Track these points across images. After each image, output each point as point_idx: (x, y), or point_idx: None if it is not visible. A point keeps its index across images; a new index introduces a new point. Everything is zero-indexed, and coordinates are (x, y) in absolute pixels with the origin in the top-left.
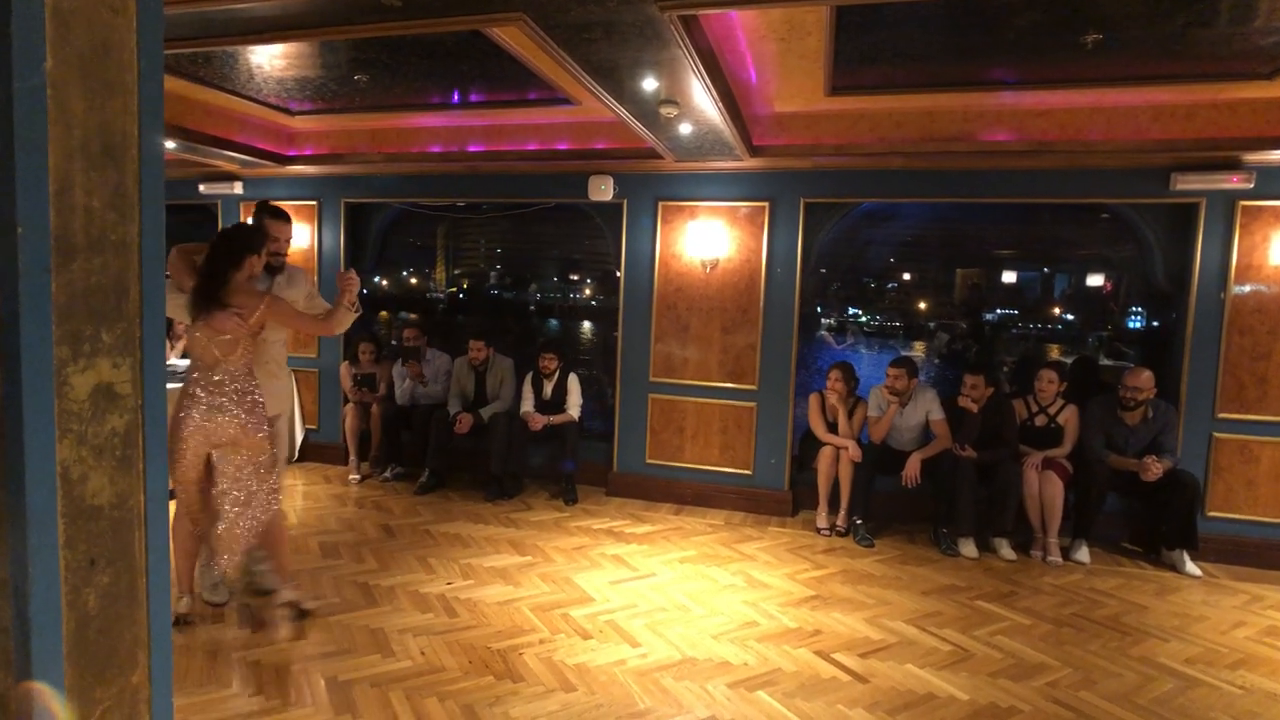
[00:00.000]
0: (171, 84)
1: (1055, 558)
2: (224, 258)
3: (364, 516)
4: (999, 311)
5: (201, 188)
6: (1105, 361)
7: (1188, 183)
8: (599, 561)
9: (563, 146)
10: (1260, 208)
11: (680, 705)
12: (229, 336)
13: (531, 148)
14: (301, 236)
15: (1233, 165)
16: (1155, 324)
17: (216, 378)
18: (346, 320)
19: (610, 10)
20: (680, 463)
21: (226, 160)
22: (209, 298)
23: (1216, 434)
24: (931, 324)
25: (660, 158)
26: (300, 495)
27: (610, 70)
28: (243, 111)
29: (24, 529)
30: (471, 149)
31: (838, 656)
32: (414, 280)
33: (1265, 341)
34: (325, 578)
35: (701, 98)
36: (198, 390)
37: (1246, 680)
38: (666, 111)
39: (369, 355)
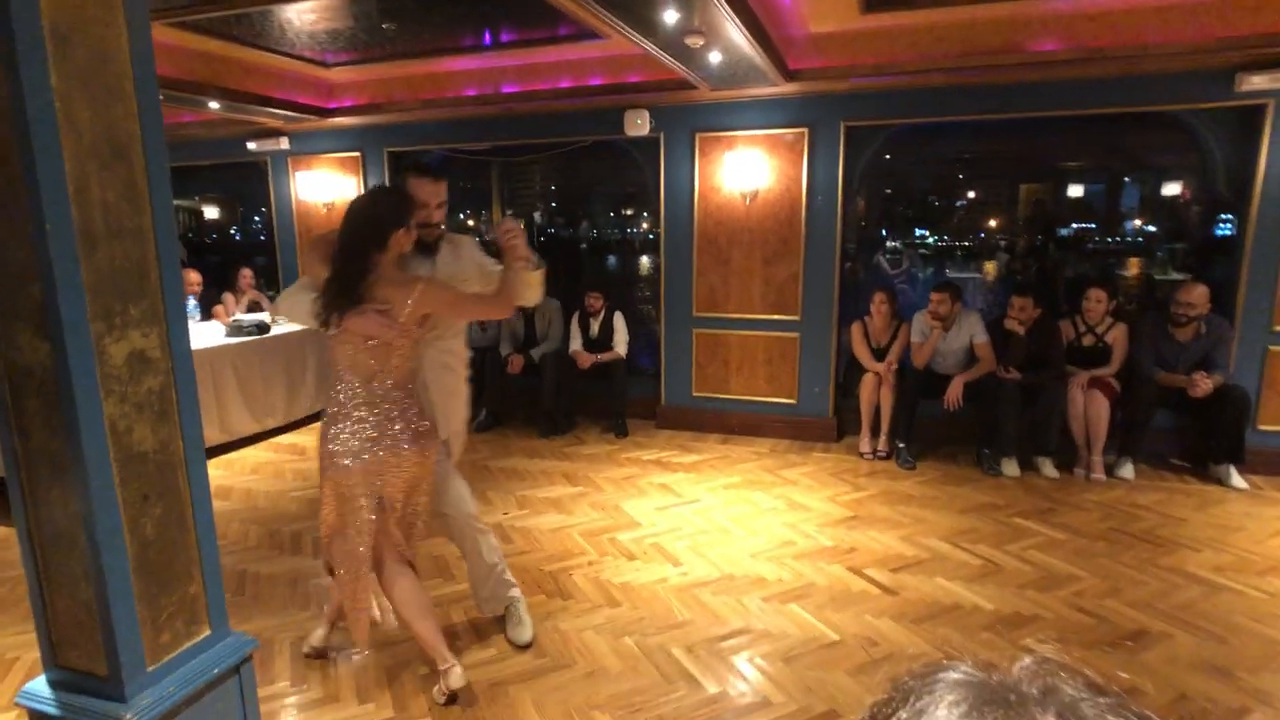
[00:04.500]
0: (209, 44)
1: (1099, 475)
2: (360, 238)
3: None
4: (1074, 226)
5: (250, 145)
6: (1174, 276)
7: (1255, 83)
8: (646, 490)
9: (596, 82)
10: None
11: (716, 617)
12: (377, 341)
13: (565, 85)
14: (348, 189)
15: None
16: (1220, 234)
17: (378, 395)
18: (528, 287)
19: None
20: (726, 394)
21: (270, 116)
22: (346, 293)
23: (1272, 347)
24: (1000, 239)
25: (694, 88)
26: None
27: (628, 4)
28: (281, 67)
29: (85, 473)
30: (506, 90)
31: (869, 572)
32: (471, 223)
33: None
34: None
35: (726, 24)
36: (353, 409)
37: (1273, 585)
38: (692, 41)
39: None
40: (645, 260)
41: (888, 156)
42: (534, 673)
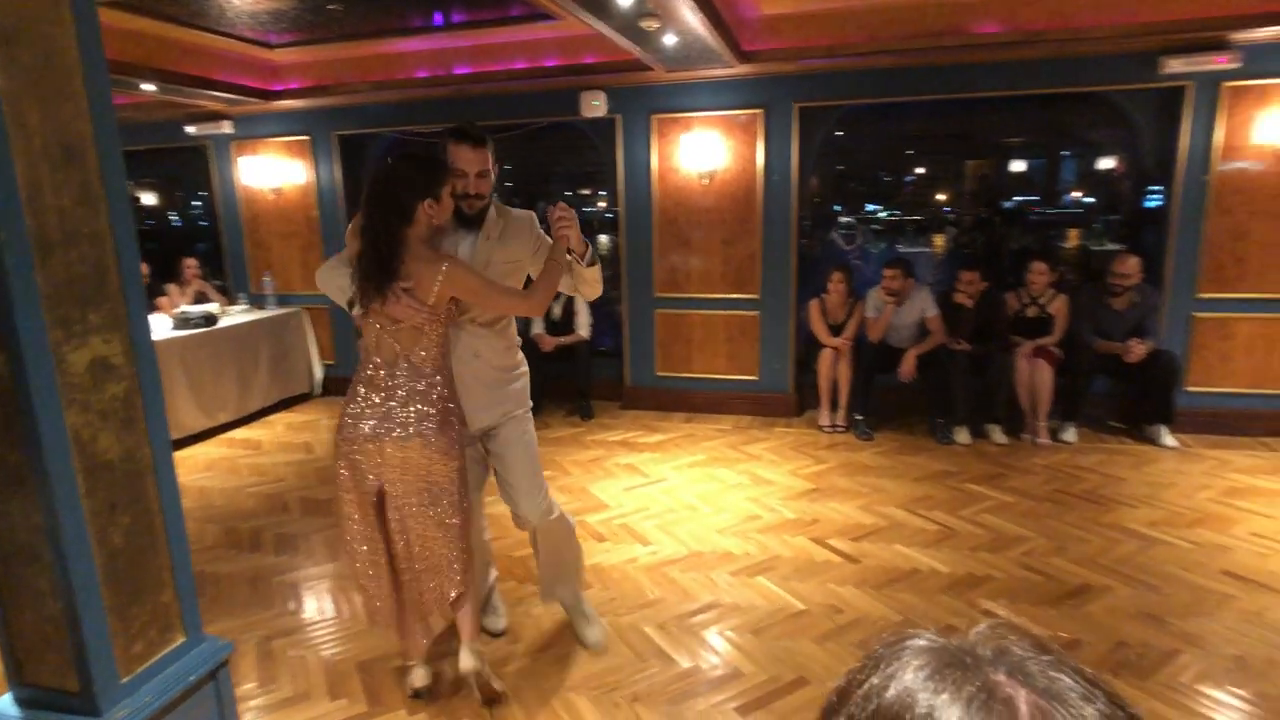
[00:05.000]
0: (142, 24)
1: (1044, 439)
2: (382, 210)
3: None
4: (1016, 199)
5: (189, 129)
6: (1109, 246)
7: (1175, 67)
8: (613, 471)
9: (551, 63)
10: (1245, 88)
11: (686, 593)
12: (404, 323)
13: (519, 66)
14: (296, 174)
15: (1220, 45)
16: (1150, 205)
17: (384, 375)
18: (584, 283)
19: None
20: (689, 373)
21: (210, 99)
22: (378, 270)
23: (1196, 313)
24: (948, 214)
25: (650, 70)
26: (325, 429)
27: None
28: (221, 48)
29: (48, 485)
30: (459, 71)
31: (832, 542)
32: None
33: (1245, 221)
34: None
35: (681, 6)
36: (368, 392)
37: (1200, 537)
38: (647, 24)
39: None
40: (604, 239)
41: (839, 133)
42: (508, 658)
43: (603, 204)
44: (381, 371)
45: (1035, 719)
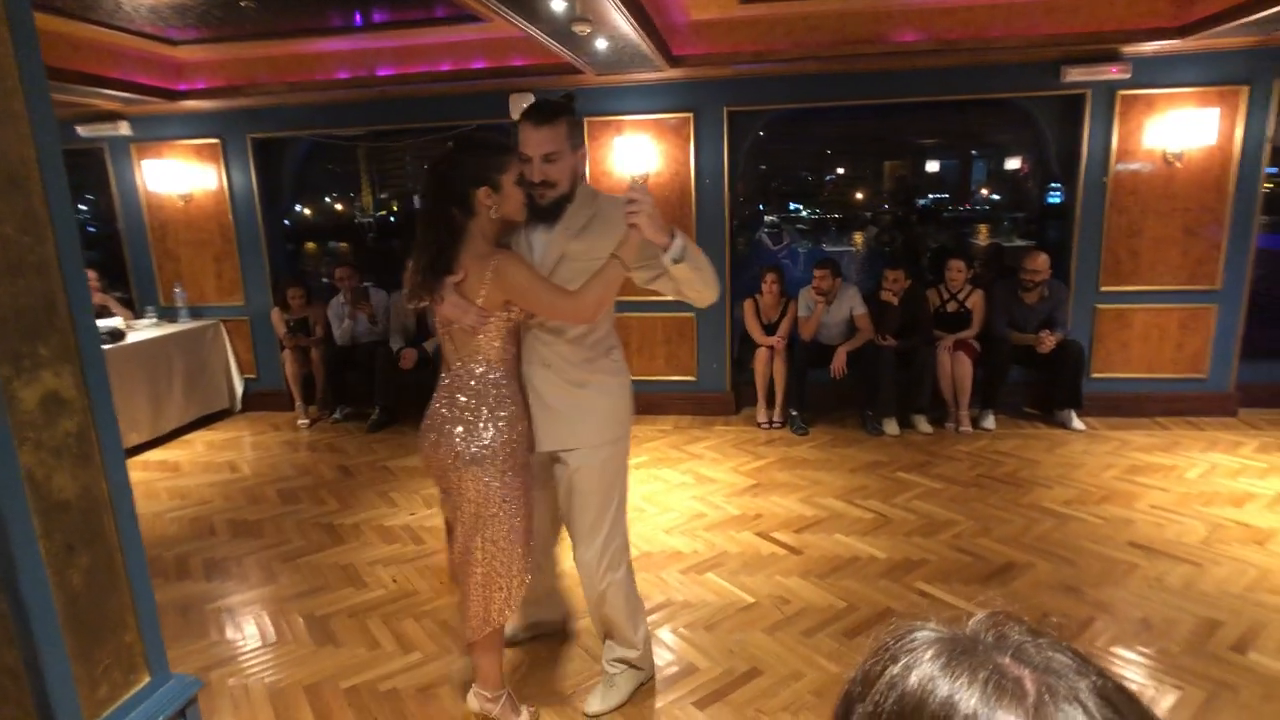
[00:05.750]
0: None
1: (966, 427)
2: (437, 199)
3: (319, 459)
4: (931, 197)
5: (80, 130)
6: (1018, 243)
7: (1075, 75)
8: None
9: (479, 65)
10: (1135, 96)
11: (641, 596)
12: (458, 325)
13: (445, 68)
14: (207, 179)
15: (1112, 57)
16: (1052, 202)
17: (446, 382)
18: (682, 283)
19: None
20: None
21: (104, 98)
22: (432, 265)
23: (1099, 305)
24: (868, 214)
25: (580, 72)
26: (249, 446)
27: None
28: (116, 44)
29: (3, 528)
30: (381, 73)
31: (776, 535)
32: (339, 207)
33: (1138, 219)
34: (288, 522)
35: (612, 11)
36: (436, 397)
37: (1107, 512)
38: (579, 29)
39: (299, 299)
40: None
41: (761, 133)
42: (462, 671)
43: None
44: (445, 378)
45: (1042, 694)
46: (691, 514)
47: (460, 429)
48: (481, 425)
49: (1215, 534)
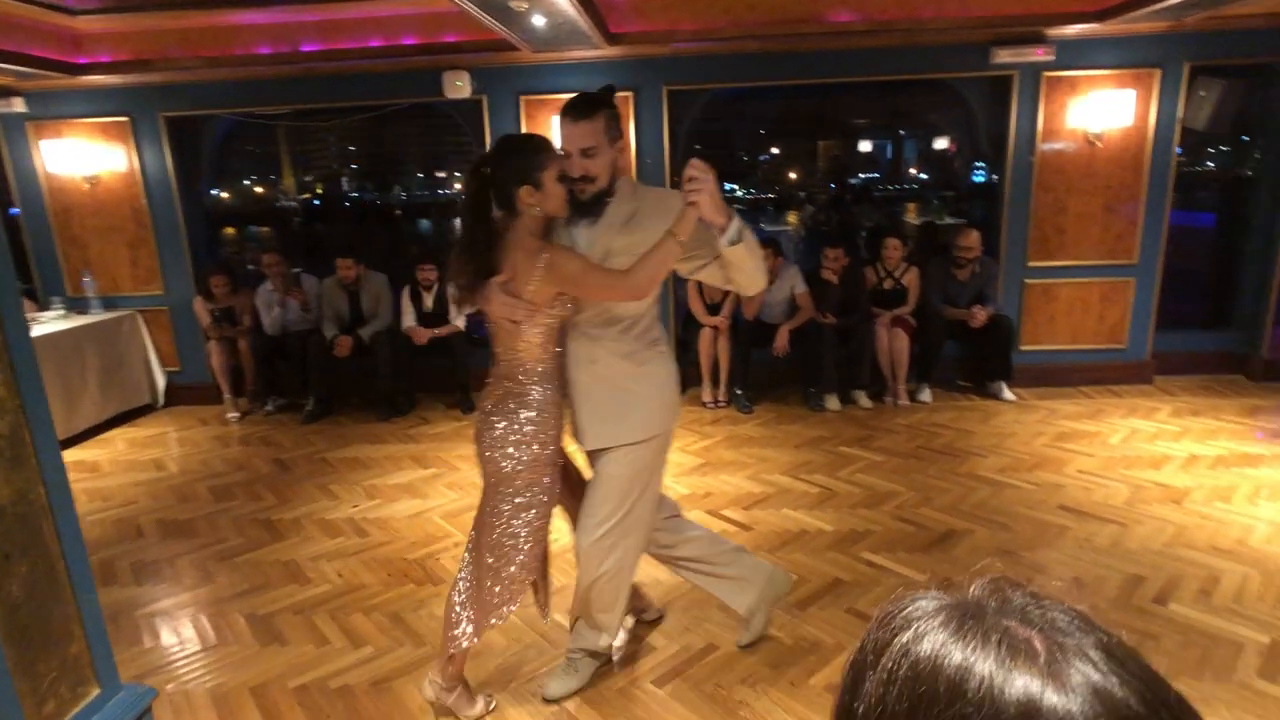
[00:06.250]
0: None
1: (904, 401)
2: (480, 197)
3: (252, 454)
4: (861, 176)
5: None
6: (948, 220)
7: (1003, 57)
8: None
9: (410, 41)
10: (1059, 78)
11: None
12: (502, 320)
13: (375, 44)
14: (115, 160)
15: (1038, 40)
16: (992, 179)
17: (503, 372)
18: (733, 268)
19: None
20: None
21: None
22: (473, 263)
23: (1027, 280)
24: (802, 194)
25: (516, 50)
26: (176, 442)
27: None
28: (7, 13)
29: None
30: (306, 48)
31: (726, 512)
32: (260, 190)
33: (1062, 197)
34: (223, 520)
35: None
36: (487, 392)
37: (1039, 478)
38: (516, 5)
39: (224, 287)
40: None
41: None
42: (417, 663)
43: (459, 185)
44: (491, 374)
45: (1052, 651)
46: None
47: (500, 426)
48: (521, 427)
49: (1137, 495)
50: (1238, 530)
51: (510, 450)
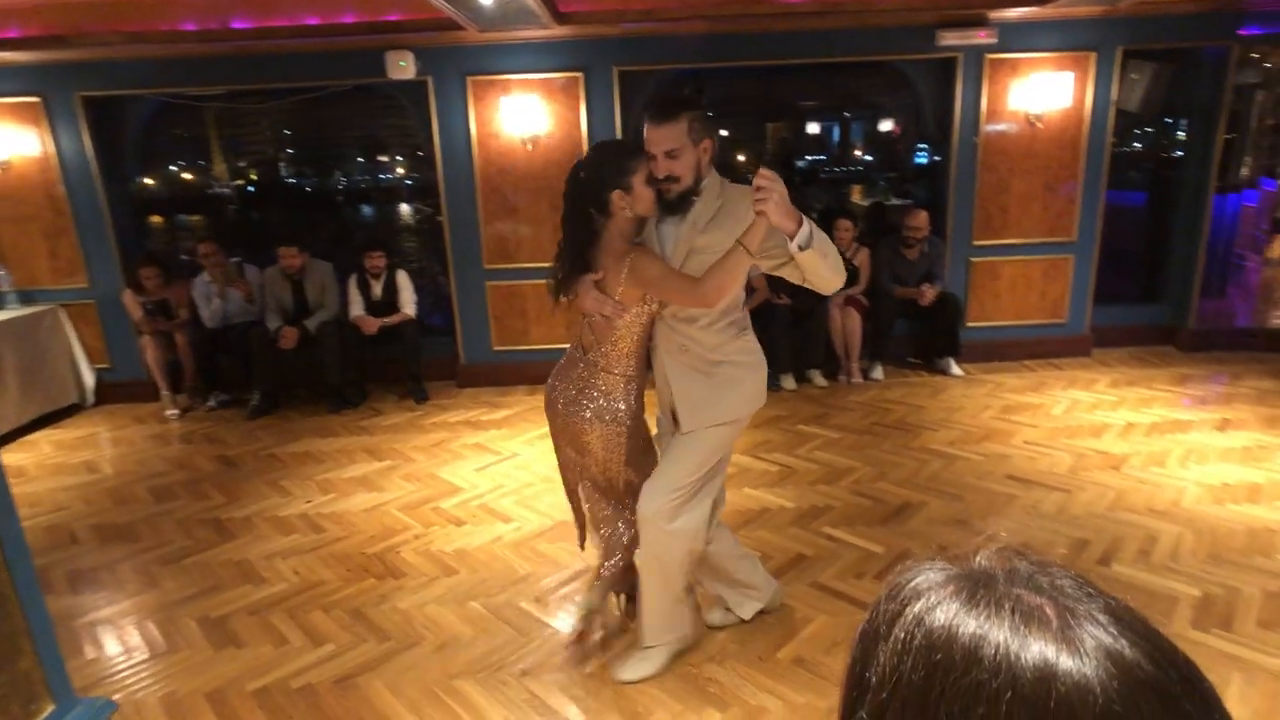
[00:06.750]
0: None
1: (857, 379)
2: (577, 201)
3: (195, 451)
4: (808, 158)
5: None
6: (895, 201)
7: (948, 39)
8: (460, 452)
9: (349, 19)
10: (1002, 60)
11: (557, 564)
12: (594, 315)
13: (312, 22)
14: (27, 144)
15: (981, 22)
16: (936, 160)
17: (592, 365)
18: (809, 271)
19: None
20: (528, 345)
21: None
22: (573, 264)
23: (973, 259)
24: (750, 175)
25: (462, 29)
26: (109, 442)
27: None
28: None
29: None
30: (236, 25)
31: None
32: (188, 176)
33: (1006, 177)
34: (166, 522)
35: None
36: (568, 369)
37: (987, 449)
38: None
39: (155, 279)
40: (406, 209)
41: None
42: (381, 658)
43: (401, 170)
44: (581, 355)
45: (1063, 617)
46: None
47: (590, 411)
48: (611, 411)
49: (1080, 463)
50: (1171, 492)
51: (600, 430)
